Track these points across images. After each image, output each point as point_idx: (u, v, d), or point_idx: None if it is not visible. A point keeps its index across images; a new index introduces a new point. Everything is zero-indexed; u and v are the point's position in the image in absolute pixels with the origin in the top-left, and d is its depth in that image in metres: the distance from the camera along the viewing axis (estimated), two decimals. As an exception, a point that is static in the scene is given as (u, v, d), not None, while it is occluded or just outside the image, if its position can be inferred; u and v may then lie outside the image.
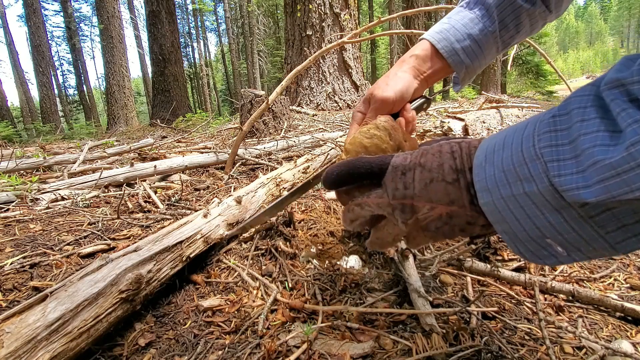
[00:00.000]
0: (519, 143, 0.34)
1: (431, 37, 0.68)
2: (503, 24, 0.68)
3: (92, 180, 2.02)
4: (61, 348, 0.63)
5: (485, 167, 0.37)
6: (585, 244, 0.33)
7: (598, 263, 1.09)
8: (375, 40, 17.76)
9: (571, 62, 56.00)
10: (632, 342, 0.75)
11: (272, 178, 1.62)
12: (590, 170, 0.28)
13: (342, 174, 0.45)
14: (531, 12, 0.68)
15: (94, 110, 17.15)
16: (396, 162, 0.43)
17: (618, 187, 0.26)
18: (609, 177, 0.27)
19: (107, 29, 11.14)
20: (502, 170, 0.35)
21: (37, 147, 4.62)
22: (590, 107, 0.29)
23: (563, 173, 0.30)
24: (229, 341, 0.78)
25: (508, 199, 0.35)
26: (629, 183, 0.26)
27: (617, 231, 0.30)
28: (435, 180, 0.40)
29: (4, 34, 16.29)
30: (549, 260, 0.36)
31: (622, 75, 0.27)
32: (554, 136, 0.31)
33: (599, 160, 0.27)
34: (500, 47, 0.71)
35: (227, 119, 8.20)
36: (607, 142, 0.27)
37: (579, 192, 0.29)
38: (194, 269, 1.06)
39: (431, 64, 0.68)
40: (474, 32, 0.67)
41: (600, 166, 0.27)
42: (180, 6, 23.94)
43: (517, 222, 0.35)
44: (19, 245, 1.18)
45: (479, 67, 0.72)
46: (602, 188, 0.27)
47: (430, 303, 0.84)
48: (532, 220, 0.34)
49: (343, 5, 7.01)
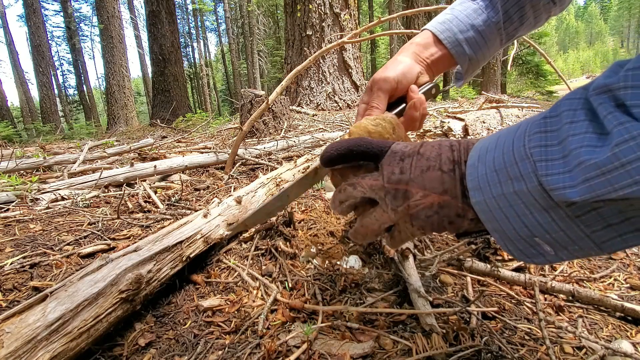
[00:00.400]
0: (510, 143, 0.35)
1: (434, 28, 0.67)
2: (507, 15, 0.67)
3: (92, 180, 2.02)
4: (61, 348, 0.63)
5: (478, 167, 0.37)
6: (572, 243, 0.33)
7: (598, 263, 1.09)
8: (375, 40, 17.76)
9: (571, 62, 56.01)
10: (632, 342, 0.75)
11: (272, 178, 1.62)
12: (576, 170, 0.28)
13: (342, 149, 0.46)
14: (535, 4, 0.67)
15: (94, 110, 17.15)
16: (396, 148, 0.44)
17: (602, 187, 0.27)
18: (594, 177, 0.27)
19: (107, 29, 11.14)
20: (493, 169, 0.36)
21: (37, 147, 4.62)
22: (579, 110, 0.30)
23: (551, 172, 0.31)
24: (229, 341, 0.78)
25: (499, 197, 0.35)
26: (612, 183, 0.26)
27: (603, 230, 0.31)
28: (432, 168, 0.41)
29: (4, 34, 16.30)
30: (537, 259, 0.37)
31: (609, 81, 0.28)
32: (544, 137, 0.32)
33: (585, 160, 0.28)
34: (504, 39, 0.70)
35: (227, 119, 8.20)
36: (594, 143, 0.28)
37: (565, 192, 0.29)
38: (194, 269, 1.06)
39: (433, 51, 0.67)
40: (477, 23, 0.66)
41: (586, 166, 0.28)
42: (180, 6, 23.95)
43: (507, 221, 0.36)
44: (19, 245, 1.18)
45: (482, 59, 0.71)
46: (587, 187, 0.28)
47: (430, 303, 0.84)
48: (521, 219, 0.35)
49: (343, 5, 7.01)
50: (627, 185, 0.26)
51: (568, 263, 1.08)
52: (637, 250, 1.14)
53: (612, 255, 1.12)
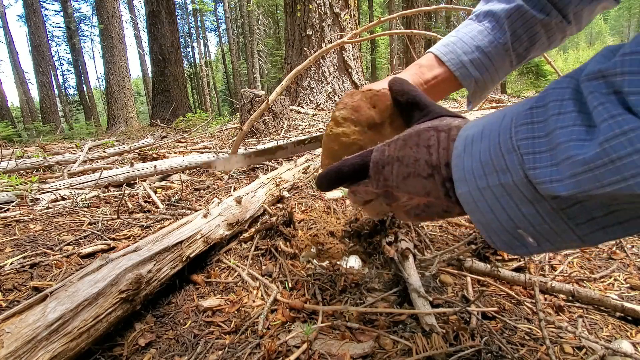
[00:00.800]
0: (496, 134, 0.35)
1: (437, 50, 0.66)
2: (515, 36, 0.65)
3: (92, 180, 2.02)
4: (61, 348, 0.63)
5: (464, 159, 0.37)
6: (555, 236, 0.33)
7: (598, 263, 1.09)
8: (375, 40, 17.76)
9: (571, 62, 55.94)
10: (632, 342, 0.75)
11: (272, 178, 1.62)
12: (563, 165, 0.28)
13: (332, 182, 0.50)
14: (546, 23, 0.64)
15: (94, 110, 17.14)
16: (375, 158, 0.46)
17: (589, 183, 0.27)
18: (581, 173, 0.27)
19: (107, 29, 11.14)
20: (479, 161, 0.36)
21: (37, 147, 4.62)
22: (567, 100, 0.29)
23: (538, 166, 0.30)
24: (229, 341, 0.78)
25: (484, 190, 0.36)
26: (600, 179, 0.26)
27: (586, 224, 0.31)
28: (411, 174, 0.42)
29: (4, 34, 16.30)
30: (520, 250, 0.37)
31: (604, 66, 0.26)
32: (531, 128, 0.31)
33: (573, 156, 0.27)
34: (515, 61, 0.68)
35: (227, 119, 8.20)
36: (582, 137, 0.27)
37: (552, 186, 0.29)
38: (194, 269, 1.06)
39: (437, 72, 0.65)
40: (483, 45, 0.64)
41: (573, 161, 0.27)
42: (180, 6, 23.93)
43: (492, 213, 0.36)
44: (19, 245, 1.18)
45: (491, 82, 0.68)
46: (574, 182, 0.28)
47: (430, 303, 0.84)
48: (506, 211, 0.35)
49: (343, 5, 7.01)
50: (615, 182, 0.25)
51: (568, 263, 1.08)
52: (637, 251, 1.14)
53: (612, 255, 1.12)
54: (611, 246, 1.16)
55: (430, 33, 2.37)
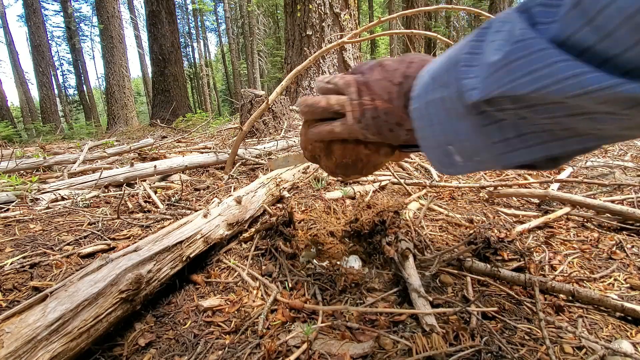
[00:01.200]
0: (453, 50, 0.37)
1: None
2: None
3: (92, 180, 2.02)
4: (61, 348, 0.63)
5: (424, 76, 0.39)
6: (476, 154, 0.36)
7: (598, 263, 1.09)
8: (375, 40, 17.75)
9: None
10: (632, 342, 0.75)
11: (272, 178, 1.62)
12: (479, 71, 0.31)
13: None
14: None
15: (94, 110, 17.15)
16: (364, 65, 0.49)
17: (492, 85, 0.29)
18: (488, 76, 0.30)
19: (107, 29, 11.14)
20: (432, 77, 0.38)
21: (37, 147, 4.62)
22: (508, 23, 0.31)
23: (467, 76, 0.32)
24: (229, 341, 0.78)
25: (429, 103, 0.38)
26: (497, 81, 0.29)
27: (501, 143, 0.34)
28: (385, 79, 0.45)
29: (4, 34, 16.28)
30: (450, 169, 0.40)
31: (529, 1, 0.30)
32: (475, 45, 0.33)
33: (485, 62, 0.30)
34: None
35: (227, 119, 8.20)
36: (498, 48, 0.30)
37: (470, 93, 0.32)
38: (194, 269, 1.06)
39: None
40: None
41: (483, 65, 0.30)
42: (180, 6, 23.91)
43: (430, 127, 0.38)
44: (19, 245, 1.18)
45: None
46: (483, 87, 0.30)
47: (430, 303, 0.84)
48: (442, 125, 0.37)
49: (343, 5, 7.01)
50: (507, 83, 0.28)
51: (568, 263, 1.08)
52: (637, 251, 1.14)
53: (612, 255, 1.12)
54: (611, 246, 1.17)
55: (430, 33, 2.37)
